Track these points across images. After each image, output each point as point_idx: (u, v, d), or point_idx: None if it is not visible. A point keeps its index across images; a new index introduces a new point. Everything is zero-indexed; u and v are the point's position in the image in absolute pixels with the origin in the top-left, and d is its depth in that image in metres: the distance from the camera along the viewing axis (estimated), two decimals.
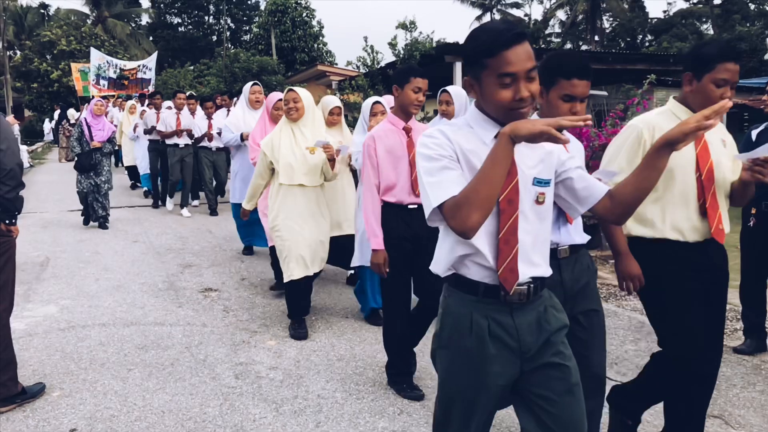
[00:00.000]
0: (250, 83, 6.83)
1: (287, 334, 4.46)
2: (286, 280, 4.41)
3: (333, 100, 5.28)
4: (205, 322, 4.73)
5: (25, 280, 5.85)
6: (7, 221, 3.36)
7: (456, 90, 4.62)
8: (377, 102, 4.58)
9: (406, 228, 3.46)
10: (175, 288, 5.62)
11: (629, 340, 4.42)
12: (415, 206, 3.46)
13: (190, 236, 7.96)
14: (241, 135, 6.48)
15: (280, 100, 5.09)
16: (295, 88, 4.49)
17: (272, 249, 5.28)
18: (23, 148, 17.72)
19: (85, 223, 8.53)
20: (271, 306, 5.12)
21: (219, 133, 9.02)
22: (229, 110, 9.42)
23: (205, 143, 9.34)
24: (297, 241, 4.34)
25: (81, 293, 5.44)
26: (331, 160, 4.34)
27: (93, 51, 19.07)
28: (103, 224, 8.37)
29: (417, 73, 3.40)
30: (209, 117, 9.36)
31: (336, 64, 28.31)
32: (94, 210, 8.35)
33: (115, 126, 13.67)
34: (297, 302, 4.53)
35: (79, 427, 3.16)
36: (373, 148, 3.47)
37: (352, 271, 5.58)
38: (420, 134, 3.44)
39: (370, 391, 3.59)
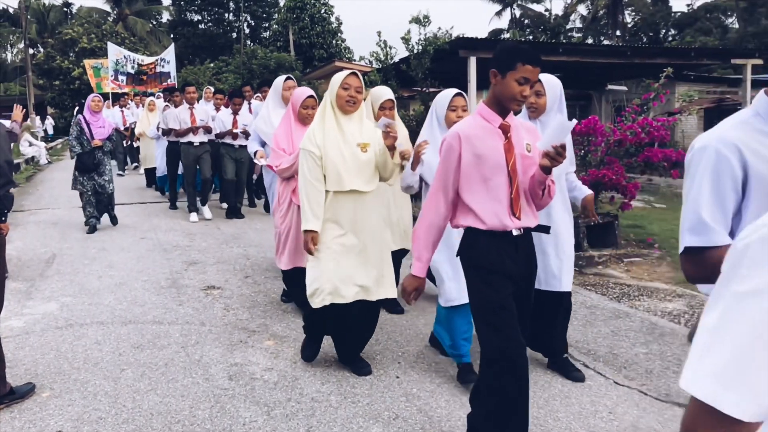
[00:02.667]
0: (283, 77, 5.70)
1: (286, 334, 4.35)
2: (312, 304, 3.59)
3: (385, 92, 4.45)
4: (204, 320, 4.64)
5: (29, 276, 5.83)
6: None
7: (549, 79, 3.60)
8: (459, 94, 3.61)
9: (512, 264, 2.59)
10: (178, 285, 5.55)
11: (640, 342, 4.24)
12: (520, 232, 2.63)
13: (198, 233, 7.90)
14: (256, 152, 5.62)
15: (311, 96, 4.48)
16: (358, 72, 3.63)
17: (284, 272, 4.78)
18: (41, 144, 17.89)
19: (91, 231, 7.86)
20: (273, 305, 5.02)
21: (243, 132, 8.37)
22: (250, 104, 9.05)
23: (228, 140, 8.74)
24: (333, 267, 3.51)
25: (83, 290, 5.40)
26: (392, 149, 3.46)
27: (110, 45, 19.03)
28: (114, 220, 8.29)
29: (527, 59, 2.48)
30: (235, 113, 8.72)
31: (354, 60, 28.27)
32: (99, 212, 8.01)
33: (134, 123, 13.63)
34: (318, 329, 3.84)
35: (65, 429, 3.08)
36: (456, 150, 2.60)
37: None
38: (520, 133, 2.70)
39: (366, 394, 3.47)
